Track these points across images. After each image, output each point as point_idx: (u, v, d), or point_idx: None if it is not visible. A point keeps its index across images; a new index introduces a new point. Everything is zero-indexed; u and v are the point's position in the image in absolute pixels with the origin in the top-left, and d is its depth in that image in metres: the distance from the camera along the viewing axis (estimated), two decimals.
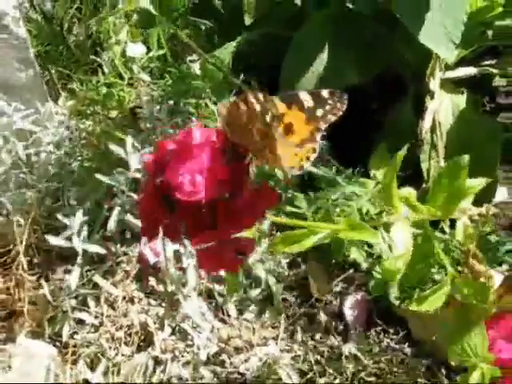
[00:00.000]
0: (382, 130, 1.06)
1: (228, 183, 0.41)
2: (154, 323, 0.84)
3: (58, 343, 0.87)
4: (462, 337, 0.55)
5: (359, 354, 0.82)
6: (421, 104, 1.14)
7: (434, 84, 0.98)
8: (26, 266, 0.91)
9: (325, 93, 0.46)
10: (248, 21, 1.02)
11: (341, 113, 0.46)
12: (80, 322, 0.87)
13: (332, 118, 0.45)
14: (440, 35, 0.89)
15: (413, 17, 0.87)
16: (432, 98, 0.96)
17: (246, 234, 0.41)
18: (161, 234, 0.41)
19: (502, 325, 0.50)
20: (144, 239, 0.83)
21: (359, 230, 0.48)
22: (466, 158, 0.60)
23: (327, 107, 0.45)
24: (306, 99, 0.45)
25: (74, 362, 0.86)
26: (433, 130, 0.95)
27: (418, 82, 1.08)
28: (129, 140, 0.86)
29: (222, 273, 0.64)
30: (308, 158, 0.44)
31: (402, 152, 0.59)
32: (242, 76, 0.99)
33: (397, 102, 1.08)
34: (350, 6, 1.03)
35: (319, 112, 0.45)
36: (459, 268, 0.60)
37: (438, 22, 0.88)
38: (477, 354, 0.53)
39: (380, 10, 1.03)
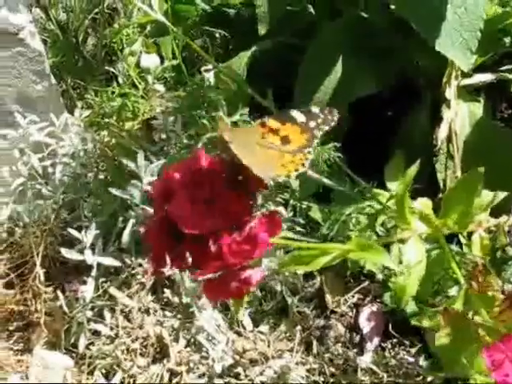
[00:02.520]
0: (397, 139, 1.05)
1: (233, 213, 0.41)
2: (170, 335, 0.84)
3: (74, 354, 0.88)
4: (459, 348, 0.55)
5: (375, 368, 0.82)
6: (436, 112, 1.13)
7: (449, 92, 0.97)
8: (42, 278, 0.92)
9: (315, 109, 0.48)
10: (262, 30, 1.01)
11: (333, 123, 0.48)
12: (96, 333, 0.87)
13: (325, 128, 0.48)
14: (456, 43, 0.88)
15: (428, 25, 0.86)
16: (448, 106, 0.95)
17: (251, 263, 0.41)
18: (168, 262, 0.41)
19: (511, 347, 0.48)
20: None
21: (369, 250, 0.48)
22: (482, 169, 0.60)
23: (319, 120, 0.48)
24: (298, 116, 0.48)
25: (90, 373, 0.86)
26: (449, 139, 0.94)
27: (434, 89, 1.08)
28: (140, 154, 0.86)
29: None
30: (303, 164, 0.45)
31: (414, 168, 0.59)
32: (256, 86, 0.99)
33: (412, 111, 1.08)
34: (364, 14, 1.02)
35: (312, 124, 0.47)
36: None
37: (454, 30, 0.87)
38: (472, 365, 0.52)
39: (394, 18, 1.02)
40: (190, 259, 0.40)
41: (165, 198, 0.41)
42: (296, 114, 0.48)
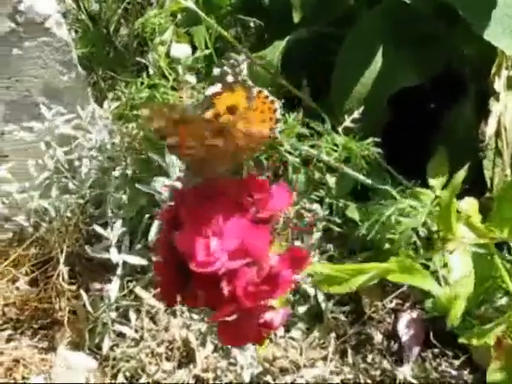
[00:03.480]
0: (440, 133, 0.99)
1: (249, 249, 0.35)
2: (196, 339, 0.80)
3: (97, 356, 0.85)
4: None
5: (414, 381, 0.76)
6: (482, 105, 1.06)
7: (499, 84, 0.91)
8: (66, 276, 0.89)
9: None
10: (296, 18, 0.96)
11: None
12: (120, 334, 0.84)
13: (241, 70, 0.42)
14: (507, 30, 0.82)
15: (476, 11, 0.80)
16: (497, 99, 0.88)
17: (271, 304, 0.36)
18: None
19: None
20: None
21: (410, 272, 0.43)
22: None
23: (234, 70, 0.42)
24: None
25: (114, 376, 0.83)
26: (497, 134, 0.88)
27: (479, 81, 1.01)
28: None
29: None
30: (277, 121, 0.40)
31: (463, 172, 0.54)
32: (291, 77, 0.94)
33: (456, 103, 1.01)
34: (407, 1, 0.96)
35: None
36: None
37: (505, 16, 0.81)
38: None
39: (438, 3, 0.96)
40: (202, 299, 0.35)
41: (173, 228, 0.36)
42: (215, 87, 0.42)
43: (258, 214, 0.37)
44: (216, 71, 0.42)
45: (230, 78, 0.41)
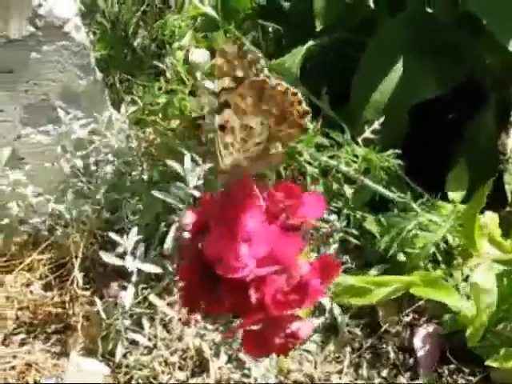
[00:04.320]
0: (460, 144, 0.98)
1: (278, 257, 0.35)
2: (210, 349, 0.79)
3: (110, 363, 0.84)
4: None
5: None
6: (504, 115, 1.05)
7: None
8: (80, 282, 0.89)
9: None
10: (319, 26, 0.95)
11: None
12: (134, 342, 0.83)
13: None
14: None
15: (501, 22, 0.79)
16: None
17: (299, 314, 0.35)
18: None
19: None
20: None
21: (435, 286, 0.42)
22: None
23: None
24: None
25: None
26: None
27: (501, 91, 1.00)
28: (187, 156, 0.81)
29: None
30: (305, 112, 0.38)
31: (486, 188, 0.53)
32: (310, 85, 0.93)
33: (476, 114, 1.00)
34: (429, 9, 0.95)
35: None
36: None
37: None
38: None
39: (461, 13, 0.94)
40: (227, 306, 0.34)
41: (200, 232, 0.36)
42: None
43: (289, 220, 0.36)
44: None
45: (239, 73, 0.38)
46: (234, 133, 0.37)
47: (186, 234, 0.37)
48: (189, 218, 0.37)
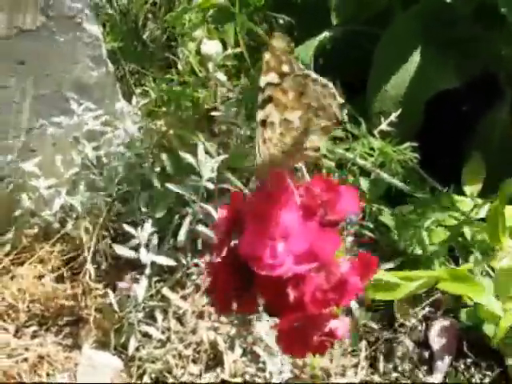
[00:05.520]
0: (475, 138, 0.97)
1: (317, 254, 0.34)
2: (225, 342, 0.78)
3: (123, 356, 0.84)
4: None
5: None
6: None
7: None
8: (93, 274, 0.88)
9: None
10: (335, 19, 0.94)
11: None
12: (147, 335, 0.83)
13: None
14: None
15: None
16: None
17: (336, 312, 0.34)
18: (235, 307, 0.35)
19: None
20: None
21: (463, 282, 0.41)
22: None
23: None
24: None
25: (140, 377, 0.82)
26: None
27: None
28: (201, 147, 0.80)
29: None
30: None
31: (511, 183, 0.52)
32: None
33: (491, 107, 0.99)
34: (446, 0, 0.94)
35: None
36: None
37: None
38: None
39: (478, 4, 0.93)
40: (262, 304, 0.33)
41: (233, 229, 0.35)
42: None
43: (327, 216, 0.36)
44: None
45: (285, 68, 0.38)
46: (273, 128, 0.37)
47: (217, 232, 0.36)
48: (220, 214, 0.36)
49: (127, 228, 0.80)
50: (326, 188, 0.36)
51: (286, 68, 0.36)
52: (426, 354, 0.80)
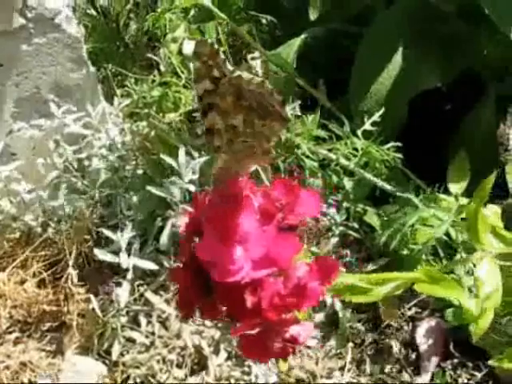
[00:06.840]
0: (459, 135, 0.97)
1: (275, 259, 0.33)
2: (209, 346, 0.77)
3: (107, 361, 0.83)
4: None
5: None
6: (503, 107, 1.04)
7: None
8: (75, 279, 0.87)
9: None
10: (313, 16, 0.93)
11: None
12: (130, 340, 0.82)
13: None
14: None
15: (505, 12, 0.77)
16: None
17: (298, 317, 0.33)
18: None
19: None
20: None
21: (441, 283, 0.40)
22: None
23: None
24: None
25: (124, 382, 0.81)
26: None
27: (500, 82, 0.98)
28: (182, 149, 0.79)
29: None
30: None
31: (491, 178, 0.51)
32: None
33: (474, 106, 0.98)
34: None
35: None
36: None
37: None
38: None
39: (461, 2, 0.93)
40: (223, 311, 0.33)
41: (194, 234, 0.34)
42: None
43: (286, 220, 0.35)
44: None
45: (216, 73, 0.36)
46: (220, 135, 0.36)
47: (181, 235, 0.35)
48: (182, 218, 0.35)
49: (106, 232, 0.79)
50: (286, 191, 0.35)
51: (216, 73, 0.35)
52: (413, 355, 0.79)
